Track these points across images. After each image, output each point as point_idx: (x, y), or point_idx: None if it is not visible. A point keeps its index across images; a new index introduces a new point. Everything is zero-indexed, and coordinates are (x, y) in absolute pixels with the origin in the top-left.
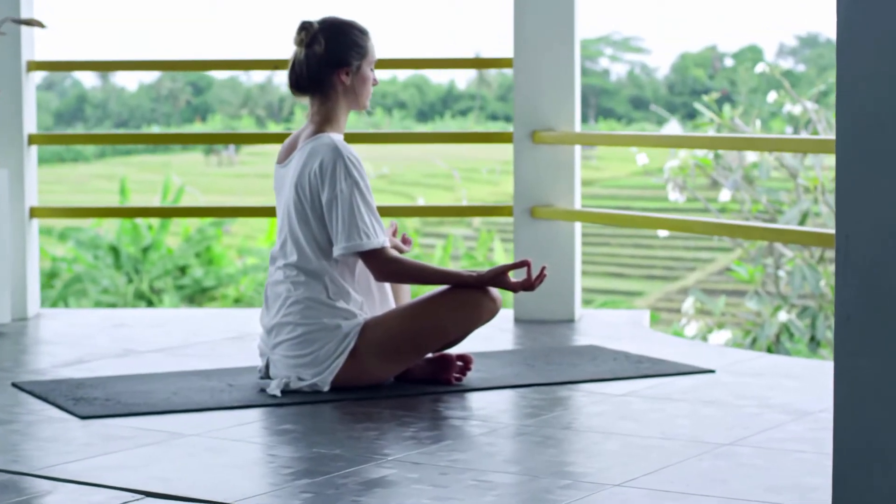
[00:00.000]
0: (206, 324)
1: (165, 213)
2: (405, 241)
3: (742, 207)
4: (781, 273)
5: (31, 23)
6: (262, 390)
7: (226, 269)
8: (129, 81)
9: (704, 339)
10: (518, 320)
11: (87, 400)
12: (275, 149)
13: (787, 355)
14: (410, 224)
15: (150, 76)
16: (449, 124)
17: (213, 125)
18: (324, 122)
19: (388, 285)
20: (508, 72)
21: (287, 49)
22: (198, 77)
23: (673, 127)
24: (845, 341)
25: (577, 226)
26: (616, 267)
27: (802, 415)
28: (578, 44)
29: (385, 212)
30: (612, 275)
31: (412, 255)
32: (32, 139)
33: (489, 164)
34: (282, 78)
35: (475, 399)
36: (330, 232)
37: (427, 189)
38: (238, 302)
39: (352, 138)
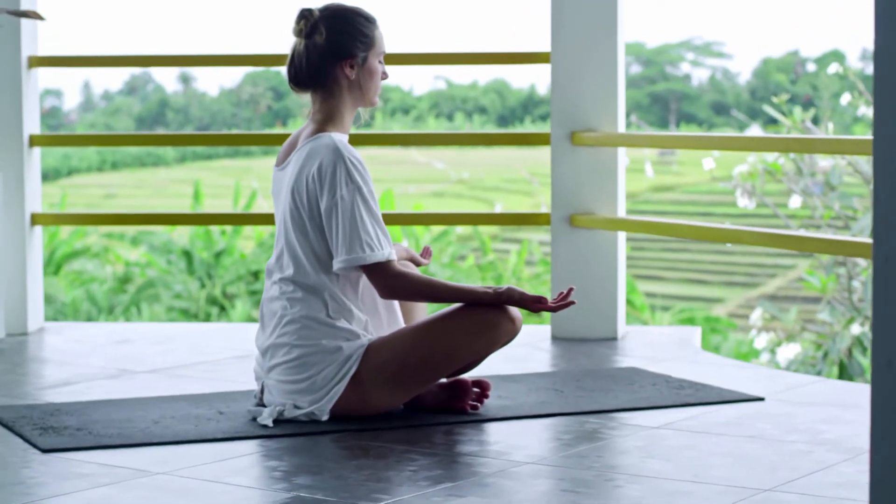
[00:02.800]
0: (214, 340)
1: (174, 220)
2: (425, 252)
3: (813, 214)
4: (856, 283)
5: (27, 15)
6: (255, 419)
7: None
8: (210, 86)
9: (773, 351)
10: (556, 338)
11: (56, 430)
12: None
13: (859, 372)
14: (485, 230)
15: (232, 80)
16: (529, 129)
17: (294, 130)
18: (326, 120)
19: (396, 303)
20: None
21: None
22: (279, 81)
23: (753, 132)
24: (887, 395)
25: (621, 236)
26: (696, 273)
27: (857, 454)
28: (622, 37)
29: (413, 220)
30: (693, 281)
31: (430, 271)
32: (34, 140)
33: None
34: None
35: (491, 431)
36: (329, 243)
37: (506, 194)
38: None
39: (386, 139)
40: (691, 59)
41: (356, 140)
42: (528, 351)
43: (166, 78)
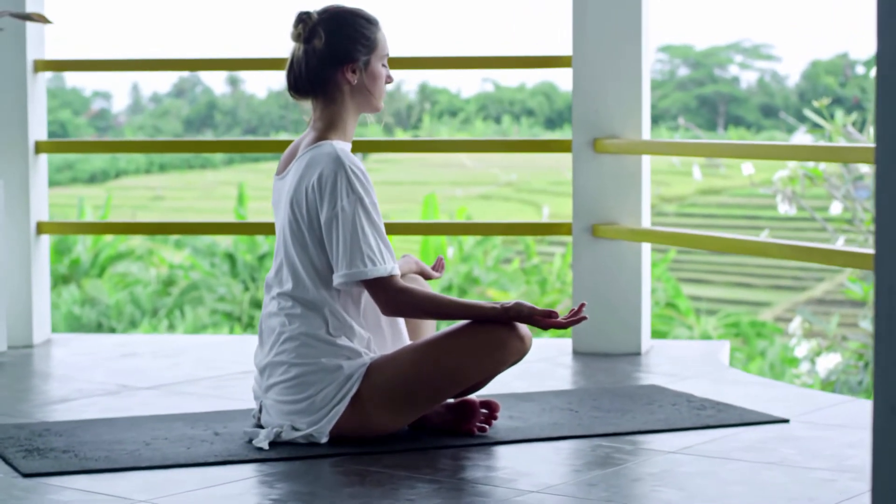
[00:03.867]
0: (224, 353)
1: (182, 230)
2: (438, 265)
3: (854, 219)
4: None
5: (32, 17)
6: (250, 441)
7: None
8: (258, 88)
9: (813, 361)
10: (577, 353)
11: (41, 452)
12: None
13: None
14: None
15: (280, 83)
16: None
17: None
18: (327, 128)
19: (401, 319)
20: None
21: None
22: None
23: (800, 136)
24: (892, 446)
25: (645, 247)
26: (743, 277)
27: None
28: (648, 39)
29: (431, 229)
30: (739, 285)
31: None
32: (40, 147)
33: None
34: (410, 85)
35: (499, 455)
36: (329, 257)
37: (553, 197)
38: None
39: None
40: (740, 61)
41: (384, 146)
42: (546, 367)
43: (215, 80)
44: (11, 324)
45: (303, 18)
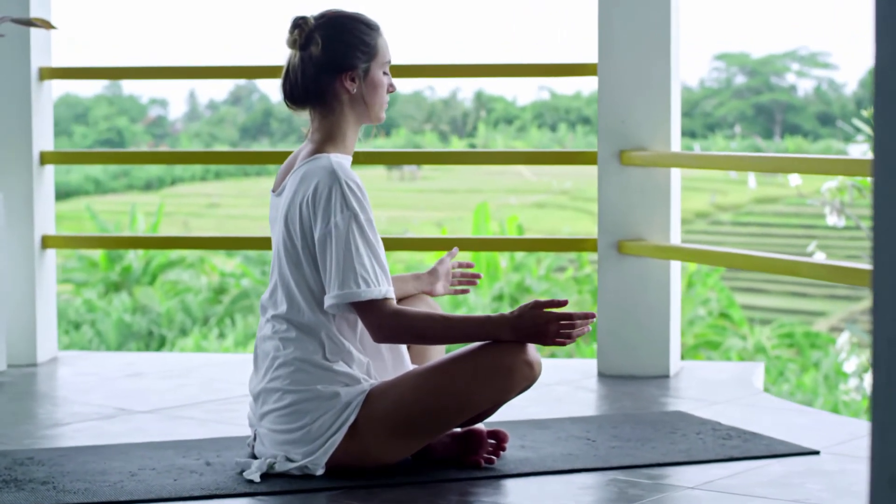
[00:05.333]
0: (233, 373)
1: (190, 244)
2: (468, 280)
3: None
4: None
5: (34, 23)
6: (242, 472)
7: None
8: None
9: (860, 377)
10: (602, 375)
11: (18, 483)
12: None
13: None
14: None
15: None
16: None
17: (397, 140)
18: (325, 140)
19: (403, 345)
20: (696, 88)
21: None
22: None
23: (857, 145)
24: None
25: (675, 265)
26: (798, 286)
27: None
28: (678, 46)
29: (452, 244)
30: (795, 294)
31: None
32: (45, 158)
33: None
34: (466, 93)
35: (506, 489)
36: (322, 277)
37: None
38: None
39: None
40: (797, 69)
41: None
42: (568, 390)
43: (271, 88)
44: (13, 342)
45: (299, 24)
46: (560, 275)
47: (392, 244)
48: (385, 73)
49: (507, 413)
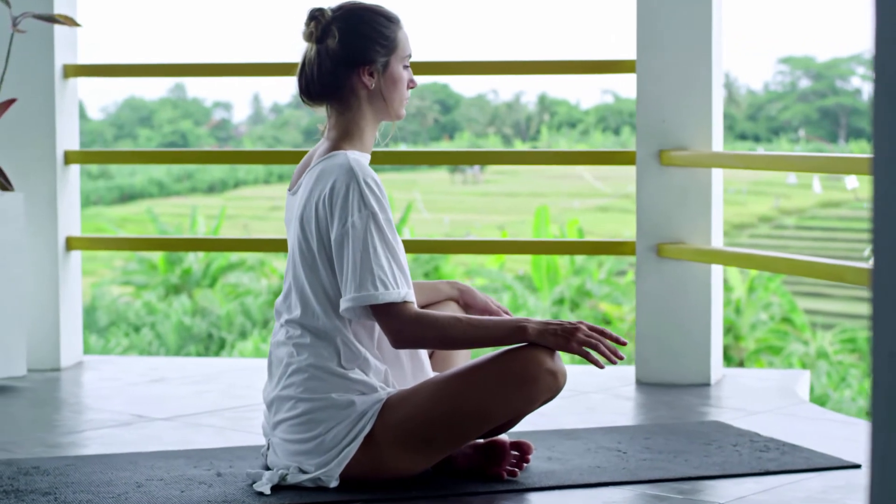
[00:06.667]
0: (256, 380)
1: (213, 246)
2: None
3: None
4: None
5: (57, 19)
6: (253, 484)
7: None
8: None
9: None
10: (640, 383)
11: (19, 494)
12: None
13: None
14: None
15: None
16: None
17: (460, 143)
18: (342, 137)
19: (423, 351)
20: (759, 90)
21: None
22: (445, 95)
23: None
24: None
25: (716, 269)
26: (862, 290)
27: None
28: (719, 41)
29: (493, 247)
30: (858, 299)
31: None
32: (70, 157)
33: (736, 185)
34: (530, 96)
35: (530, 503)
36: (338, 279)
37: None
38: None
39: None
40: (862, 73)
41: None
42: (604, 398)
43: None
44: (36, 346)
45: (315, 16)
46: (621, 279)
47: (455, 247)
48: (405, 68)
49: (537, 422)
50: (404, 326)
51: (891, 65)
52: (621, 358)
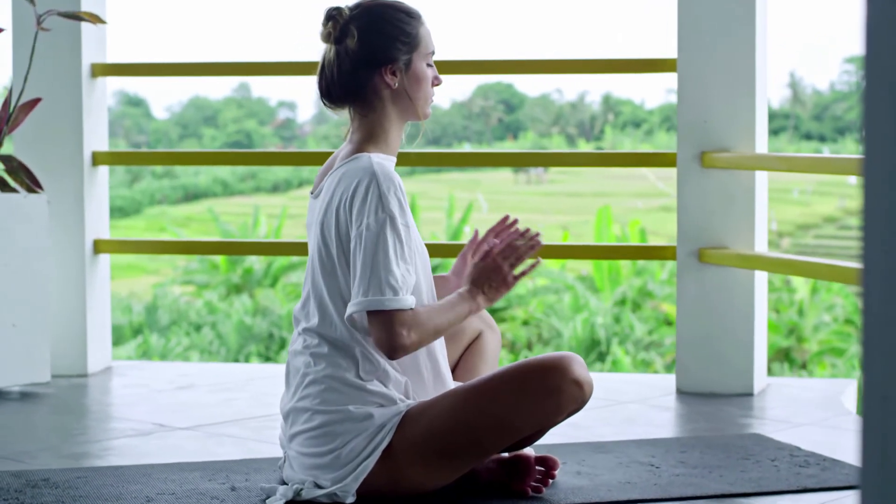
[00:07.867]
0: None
1: (244, 249)
2: (529, 243)
3: None
4: None
5: (82, 17)
6: (267, 499)
7: (516, 289)
8: (441, 99)
9: None
10: (681, 393)
11: None
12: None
13: None
14: None
15: (463, 93)
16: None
17: (524, 143)
18: (366, 139)
19: (444, 360)
20: (824, 90)
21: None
22: (510, 95)
23: None
24: None
25: (761, 276)
26: None
27: None
28: (764, 38)
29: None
30: None
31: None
32: (98, 158)
33: (801, 185)
34: (594, 96)
35: None
36: (350, 282)
37: None
38: (526, 324)
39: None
40: None
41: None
42: (641, 409)
43: None
44: (63, 351)
45: (332, 15)
46: None
47: None
48: (429, 65)
49: (569, 434)
50: (410, 336)
51: (882, 61)
52: (538, 237)
